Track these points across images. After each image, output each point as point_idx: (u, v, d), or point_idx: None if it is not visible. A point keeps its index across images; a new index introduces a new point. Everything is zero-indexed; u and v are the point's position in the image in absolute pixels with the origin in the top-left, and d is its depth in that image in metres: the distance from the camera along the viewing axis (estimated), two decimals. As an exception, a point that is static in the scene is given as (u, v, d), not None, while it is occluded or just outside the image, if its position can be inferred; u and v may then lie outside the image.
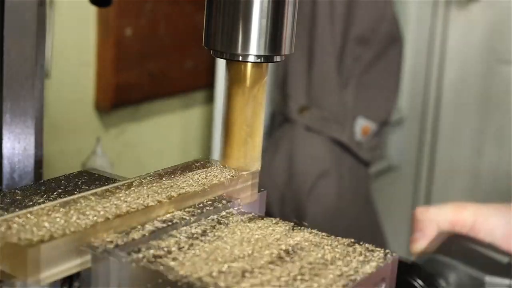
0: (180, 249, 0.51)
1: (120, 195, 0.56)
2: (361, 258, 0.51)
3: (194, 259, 0.49)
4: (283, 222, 0.57)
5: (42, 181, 0.63)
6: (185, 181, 0.60)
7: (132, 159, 1.73)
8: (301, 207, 1.86)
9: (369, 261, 0.51)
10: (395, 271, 0.53)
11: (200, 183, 0.60)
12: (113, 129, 1.68)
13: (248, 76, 0.63)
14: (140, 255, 0.50)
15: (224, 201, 0.59)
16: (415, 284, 0.64)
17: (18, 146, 0.83)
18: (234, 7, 0.60)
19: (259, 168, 0.66)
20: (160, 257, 0.49)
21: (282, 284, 0.47)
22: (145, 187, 0.58)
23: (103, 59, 1.59)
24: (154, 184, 0.59)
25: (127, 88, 1.65)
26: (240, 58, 0.62)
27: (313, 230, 0.56)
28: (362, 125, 2.02)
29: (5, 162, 0.82)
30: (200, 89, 1.90)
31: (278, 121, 1.97)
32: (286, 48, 0.63)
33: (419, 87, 2.45)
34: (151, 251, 0.50)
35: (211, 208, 0.58)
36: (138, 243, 0.51)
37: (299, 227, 0.56)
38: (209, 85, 1.87)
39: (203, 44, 0.63)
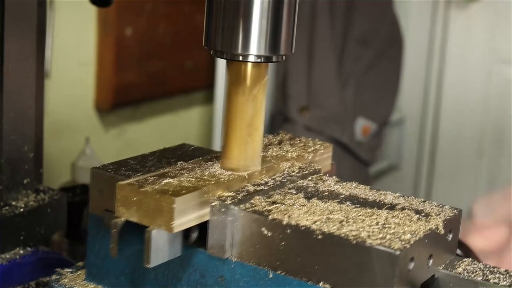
0: (283, 204, 0.62)
1: None
2: (433, 211, 0.63)
3: (297, 211, 0.61)
4: (362, 185, 0.69)
5: (146, 153, 0.72)
6: (276, 151, 0.72)
7: (132, 159, 1.73)
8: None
9: (440, 214, 0.63)
10: (459, 223, 0.65)
11: (288, 155, 0.72)
12: (113, 129, 1.68)
13: (248, 76, 0.63)
14: (251, 209, 0.61)
15: (310, 168, 0.71)
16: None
17: (18, 146, 0.83)
18: (234, 7, 0.61)
19: (259, 168, 0.66)
20: (268, 210, 0.61)
21: (375, 230, 0.58)
22: None
23: (103, 59, 1.59)
24: None
25: (127, 88, 1.65)
26: (241, 58, 0.62)
27: (387, 192, 0.67)
28: (362, 125, 2.02)
29: (5, 162, 0.82)
30: (200, 89, 1.90)
31: (278, 121, 1.97)
32: (286, 48, 0.63)
33: (419, 87, 2.45)
34: (259, 206, 0.62)
35: (300, 174, 0.69)
36: (248, 200, 0.62)
37: (375, 189, 0.68)
38: (209, 85, 1.87)
39: (203, 44, 0.64)
